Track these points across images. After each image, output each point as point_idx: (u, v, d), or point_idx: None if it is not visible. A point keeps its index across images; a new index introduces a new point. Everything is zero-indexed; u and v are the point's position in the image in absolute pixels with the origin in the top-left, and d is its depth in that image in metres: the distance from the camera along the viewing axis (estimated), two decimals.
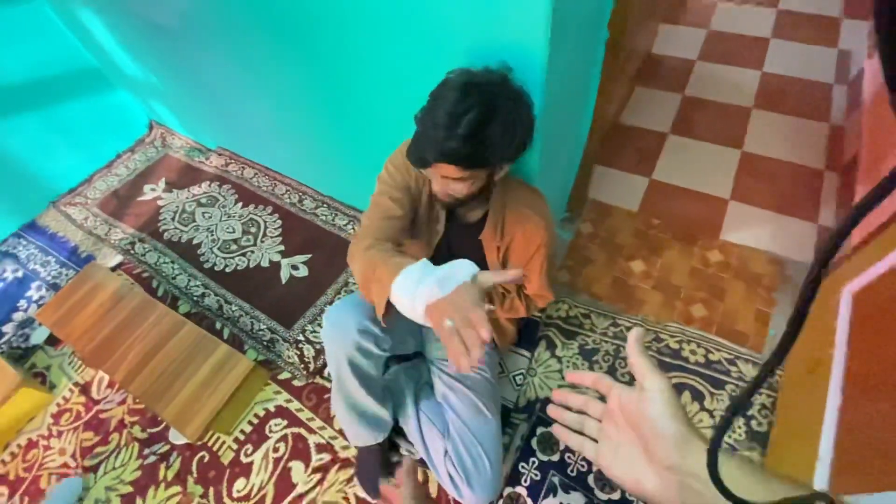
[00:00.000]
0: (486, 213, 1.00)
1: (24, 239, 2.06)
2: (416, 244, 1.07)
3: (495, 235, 1.01)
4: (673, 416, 0.37)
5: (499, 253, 1.04)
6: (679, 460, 0.35)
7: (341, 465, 1.31)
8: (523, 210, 0.99)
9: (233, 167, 2.15)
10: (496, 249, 1.03)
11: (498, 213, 0.99)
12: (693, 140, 1.90)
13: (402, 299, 0.69)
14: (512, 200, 0.99)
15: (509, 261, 1.06)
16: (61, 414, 1.53)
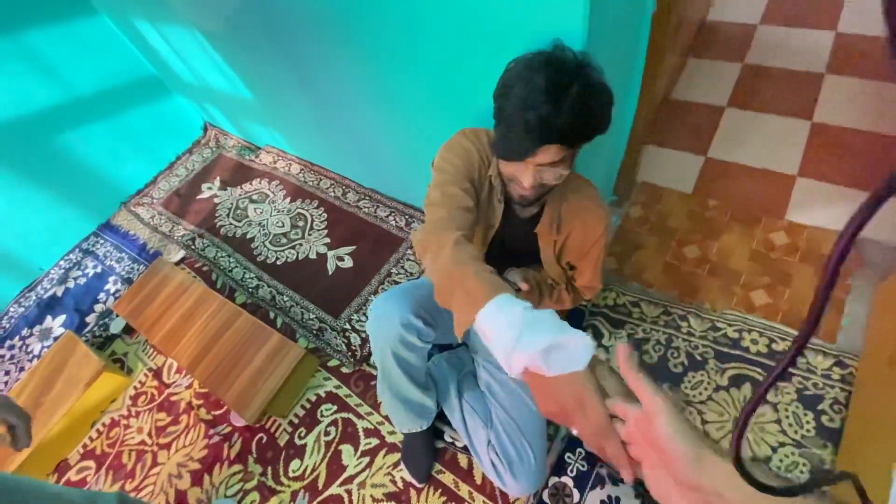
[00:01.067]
0: (541, 208, 0.98)
1: (101, 237, 2.25)
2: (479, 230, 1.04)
3: (552, 230, 0.98)
4: (681, 435, 0.36)
5: (555, 247, 1.01)
6: (699, 479, 0.34)
7: (388, 449, 1.35)
8: (583, 202, 0.97)
9: (280, 164, 2.24)
10: (552, 244, 1.01)
11: (556, 207, 0.97)
12: (754, 112, 1.75)
13: (489, 331, 0.57)
14: (570, 192, 0.97)
15: (565, 254, 1.04)
16: (138, 396, 1.68)
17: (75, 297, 2.04)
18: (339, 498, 1.30)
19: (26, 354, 1.93)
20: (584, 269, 1.07)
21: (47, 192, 2.07)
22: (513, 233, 1.02)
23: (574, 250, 1.02)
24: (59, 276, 2.15)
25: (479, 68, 1.04)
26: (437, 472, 1.28)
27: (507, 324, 0.54)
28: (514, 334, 0.53)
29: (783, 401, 1.19)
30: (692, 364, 1.29)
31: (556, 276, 1.08)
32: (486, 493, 1.22)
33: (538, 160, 0.77)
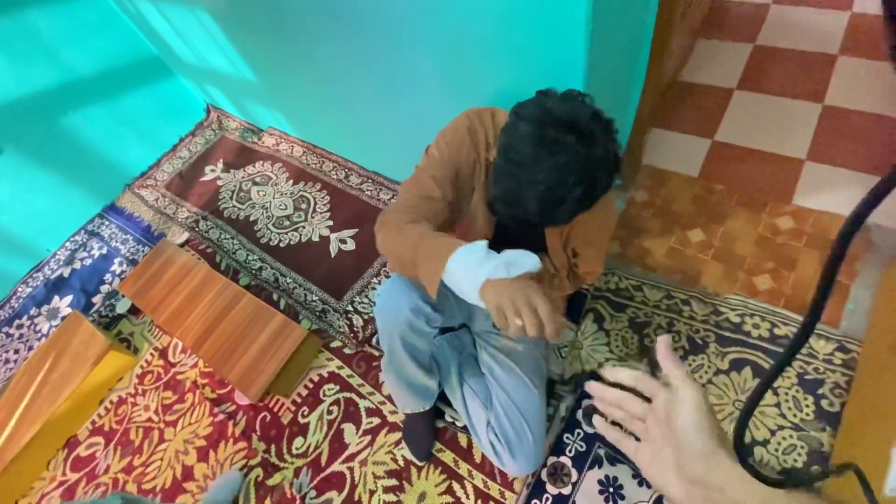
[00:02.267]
0: None
1: (107, 219, 2.27)
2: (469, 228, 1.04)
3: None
4: (702, 429, 0.35)
5: (562, 236, 1.00)
6: (705, 474, 0.34)
7: (390, 428, 1.37)
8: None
9: (283, 146, 2.23)
10: (559, 233, 1.00)
11: None
12: (764, 95, 1.72)
13: (457, 272, 0.70)
14: None
15: (569, 242, 1.03)
16: (144, 375, 1.70)
17: (81, 278, 2.06)
18: (341, 475, 1.33)
19: (35, 333, 1.96)
20: (587, 256, 1.06)
21: (52, 175, 2.08)
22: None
23: (580, 237, 1.01)
24: (65, 257, 2.17)
25: (483, 49, 1.02)
26: (438, 451, 1.30)
27: (475, 258, 0.69)
28: (479, 256, 0.69)
29: (783, 385, 1.19)
30: (693, 348, 1.29)
31: (559, 264, 1.06)
32: (486, 472, 1.24)
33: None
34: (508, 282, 0.67)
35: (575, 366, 1.35)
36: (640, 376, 0.43)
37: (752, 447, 1.13)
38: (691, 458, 0.35)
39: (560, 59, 0.93)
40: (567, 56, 0.91)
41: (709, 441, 0.34)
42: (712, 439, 0.35)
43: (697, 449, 0.35)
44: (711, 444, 0.34)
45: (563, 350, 1.37)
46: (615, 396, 0.44)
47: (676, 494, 0.37)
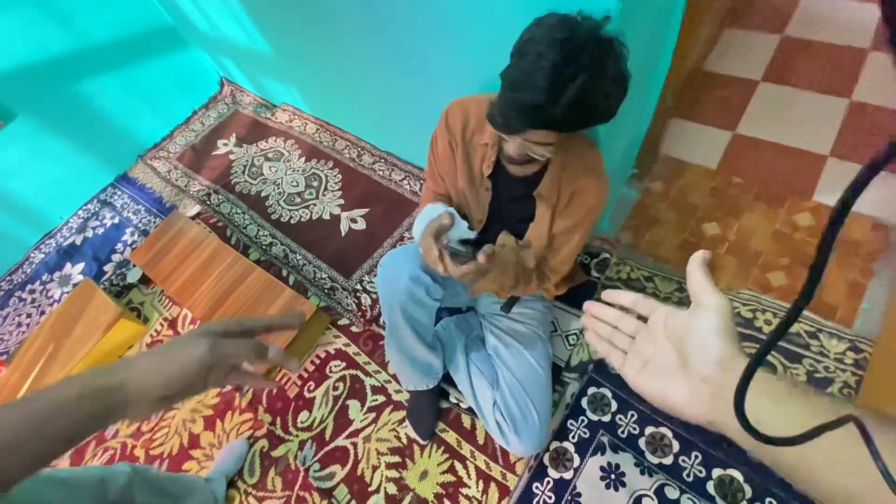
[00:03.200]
0: (542, 168, 0.94)
1: (119, 189, 2.28)
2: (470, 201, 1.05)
3: (552, 193, 0.94)
4: (723, 333, 0.37)
5: (553, 212, 0.98)
6: (718, 373, 0.35)
7: (394, 407, 1.38)
8: (584, 169, 0.93)
9: (296, 123, 2.21)
10: (551, 208, 0.97)
11: (558, 169, 0.93)
12: (789, 88, 1.67)
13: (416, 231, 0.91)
14: (573, 157, 0.92)
15: (555, 224, 0.99)
16: (154, 344, 1.72)
17: (93, 247, 2.08)
18: (344, 449, 1.34)
19: (46, 299, 1.99)
20: (562, 245, 1.02)
21: (65, 142, 2.09)
22: (508, 193, 1.00)
23: (565, 219, 0.98)
24: (77, 225, 2.19)
25: (502, 29, 0.99)
26: (441, 431, 1.31)
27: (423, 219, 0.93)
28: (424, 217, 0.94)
29: None
30: None
31: (538, 247, 1.02)
32: (488, 453, 1.25)
33: (531, 138, 0.77)
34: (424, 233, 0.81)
35: (581, 353, 1.35)
36: (639, 297, 0.46)
37: None
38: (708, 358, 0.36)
39: None
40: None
41: (730, 345, 0.36)
42: (733, 344, 0.36)
43: (717, 349, 0.36)
44: (731, 348, 0.36)
45: (570, 337, 1.37)
46: (613, 315, 0.48)
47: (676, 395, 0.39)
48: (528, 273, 1.06)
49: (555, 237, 1.01)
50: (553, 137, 0.75)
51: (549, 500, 1.16)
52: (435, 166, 1.07)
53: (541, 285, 1.09)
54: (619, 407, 1.24)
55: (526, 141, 0.78)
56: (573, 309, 1.41)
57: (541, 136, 0.75)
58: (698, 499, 1.09)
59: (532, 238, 1.02)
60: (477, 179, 1.01)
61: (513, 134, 0.77)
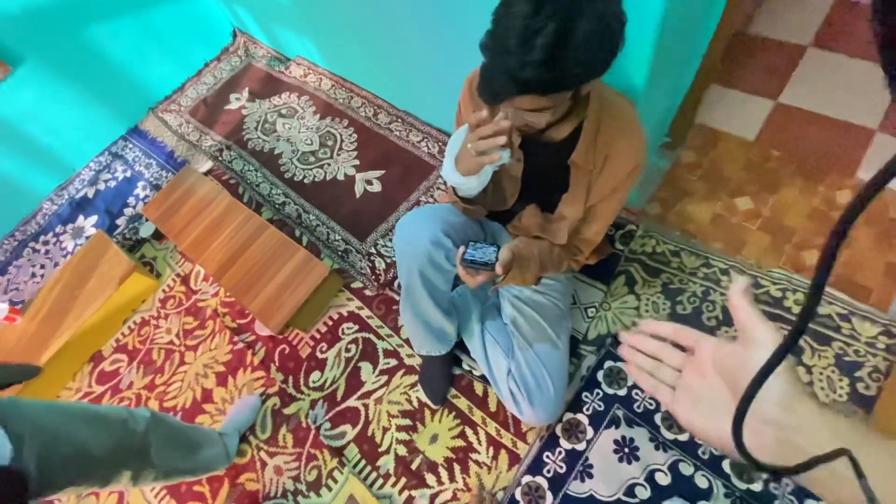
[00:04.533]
0: (575, 129, 0.85)
1: (130, 142, 2.23)
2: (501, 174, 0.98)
3: (587, 160, 0.86)
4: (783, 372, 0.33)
5: (589, 181, 0.90)
6: (781, 415, 0.33)
7: (406, 371, 1.37)
8: (621, 127, 0.84)
9: (311, 78, 2.13)
10: (587, 176, 0.89)
11: (592, 132, 0.84)
12: (840, 56, 1.55)
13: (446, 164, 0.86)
14: (606, 115, 0.83)
15: (591, 193, 0.92)
16: (167, 300, 1.72)
17: (105, 200, 2.06)
18: (356, 410, 1.35)
19: (60, 250, 1.99)
20: (597, 215, 0.95)
21: (76, 90, 2.03)
22: (541, 160, 0.92)
23: (600, 187, 0.90)
24: (89, 177, 2.16)
25: None
26: (453, 397, 1.30)
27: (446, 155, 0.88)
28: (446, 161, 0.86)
29: (819, 364, 1.14)
30: (727, 319, 1.24)
31: (572, 219, 0.96)
32: (499, 420, 1.25)
33: (516, 104, 0.70)
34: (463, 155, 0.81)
35: (599, 326, 1.31)
36: (679, 327, 0.42)
37: None
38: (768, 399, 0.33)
39: None
40: None
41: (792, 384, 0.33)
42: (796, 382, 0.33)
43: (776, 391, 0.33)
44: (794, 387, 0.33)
45: (588, 310, 1.34)
46: (654, 346, 0.44)
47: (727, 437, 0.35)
48: (557, 255, 1.01)
49: (590, 207, 0.94)
50: (543, 101, 0.69)
51: (560, 470, 1.15)
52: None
53: (571, 259, 1.04)
54: (638, 385, 1.21)
55: (517, 109, 0.73)
56: (593, 281, 1.36)
57: (528, 101, 0.69)
58: (713, 476, 1.07)
59: (566, 211, 0.95)
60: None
61: (498, 103, 0.72)
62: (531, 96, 0.67)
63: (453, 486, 1.20)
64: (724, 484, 1.06)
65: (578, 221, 0.98)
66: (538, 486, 1.15)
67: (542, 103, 0.70)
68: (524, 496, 1.14)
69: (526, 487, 1.15)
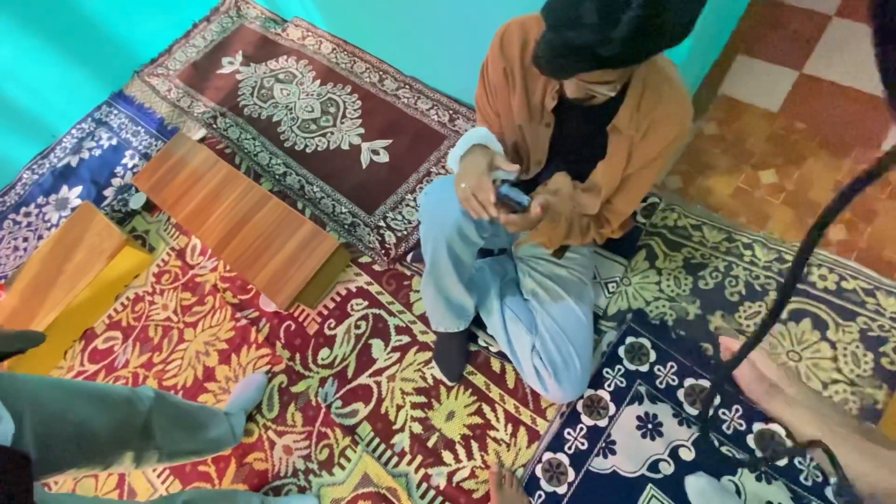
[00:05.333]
0: (617, 95, 0.77)
1: (115, 108, 2.09)
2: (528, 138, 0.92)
3: (630, 126, 0.79)
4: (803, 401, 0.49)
5: (630, 148, 0.83)
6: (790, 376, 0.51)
7: (420, 347, 1.33)
8: (668, 92, 0.77)
9: (310, 41, 2.00)
10: (628, 143, 0.82)
11: (636, 96, 0.77)
12: (866, 26, 1.50)
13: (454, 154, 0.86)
14: (652, 78, 0.76)
15: (630, 162, 0.85)
16: (161, 275, 1.64)
17: (91, 169, 1.94)
18: (368, 388, 1.30)
19: (44, 222, 1.87)
20: (632, 185, 0.89)
21: (54, 47, 1.88)
22: (576, 129, 0.87)
23: (639, 156, 0.84)
24: (72, 145, 2.03)
25: None
26: (469, 374, 1.27)
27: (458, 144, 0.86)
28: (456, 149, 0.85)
29: (843, 339, 1.13)
30: (750, 294, 1.22)
31: (607, 189, 0.90)
32: (518, 397, 1.22)
33: (587, 78, 0.64)
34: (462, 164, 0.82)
35: (620, 302, 1.28)
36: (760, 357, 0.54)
37: None
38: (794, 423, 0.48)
39: None
40: None
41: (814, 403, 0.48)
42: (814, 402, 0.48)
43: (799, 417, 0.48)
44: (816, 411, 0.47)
45: (609, 285, 1.30)
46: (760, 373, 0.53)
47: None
48: (585, 223, 0.96)
49: (626, 177, 0.88)
50: (614, 75, 0.63)
51: (581, 447, 1.13)
52: (487, 100, 0.92)
53: (598, 231, 0.99)
54: (657, 357, 1.19)
55: (581, 82, 0.66)
56: (614, 256, 1.32)
57: (597, 75, 0.63)
58: (738, 450, 1.06)
59: (602, 180, 0.88)
60: (537, 113, 0.87)
61: (563, 78, 0.67)
62: (603, 71, 0.61)
63: (471, 463, 1.17)
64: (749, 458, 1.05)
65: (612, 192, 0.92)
66: (559, 463, 1.12)
67: (612, 77, 0.63)
68: (545, 472, 1.12)
69: (547, 465, 1.13)
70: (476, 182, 0.75)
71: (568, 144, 0.91)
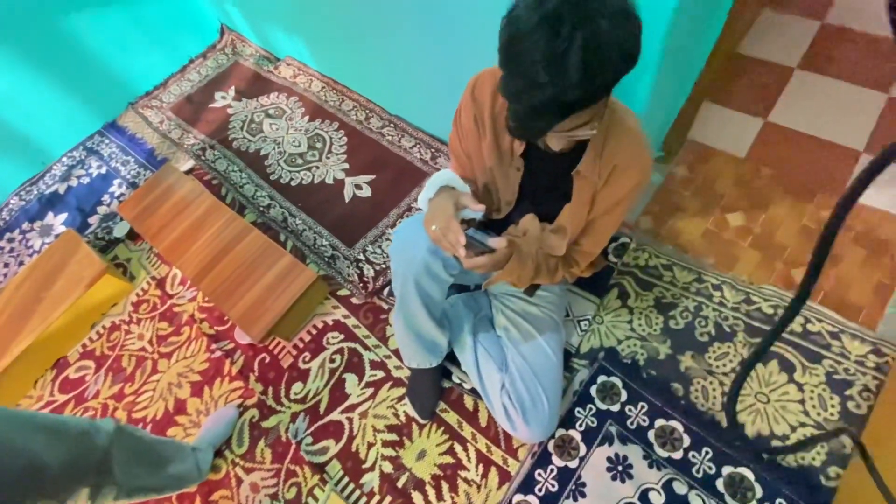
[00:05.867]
0: (581, 141, 0.81)
1: (107, 138, 2.14)
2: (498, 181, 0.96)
3: (593, 170, 0.83)
4: None
5: (594, 192, 0.87)
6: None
7: (393, 383, 1.32)
8: (629, 138, 0.81)
9: (301, 79, 2.08)
10: (592, 188, 0.86)
11: (599, 142, 0.81)
12: (826, 78, 1.59)
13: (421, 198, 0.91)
14: (614, 125, 0.81)
15: (594, 205, 0.89)
16: (140, 304, 1.63)
17: (78, 197, 1.96)
18: (339, 424, 1.29)
19: (26, 249, 1.87)
20: (597, 227, 0.93)
21: (51, 80, 1.94)
22: (542, 171, 0.90)
23: (603, 200, 0.88)
24: (61, 172, 2.06)
25: None
26: (441, 411, 1.26)
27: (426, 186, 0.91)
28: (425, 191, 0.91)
29: (810, 382, 1.14)
30: (719, 335, 1.23)
31: (573, 231, 0.93)
32: (490, 437, 1.20)
33: (558, 130, 0.67)
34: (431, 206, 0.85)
35: (592, 340, 1.29)
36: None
37: (770, 440, 1.09)
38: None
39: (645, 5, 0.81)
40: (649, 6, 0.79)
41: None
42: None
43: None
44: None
45: (581, 323, 1.31)
46: None
47: None
48: (553, 263, 0.98)
49: (591, 220, 0.92)
50: (586, 116, 0.66)
51: (552, 488, 1.12)
52: (459, 143, 0.97)
53: (567, 271, 1.01)
54: (629, 397, 1.19)
55: (562, 133, 0.69)
56: (587, 294, 1.34)
57: (571, 121, 0.65)
58: (707, 496, 1.05)
59: (567, 222, 0.92)
60: (507, 157, 0.91)
61: (542, 137, 0.70)
62: (573, 116, 0.64)
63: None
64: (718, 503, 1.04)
65: (578, 233, 0.95)
66: None
67: (584, 118, 0.66)
68: None
69: None
70: (445, 224, 0.78)
71: (536, 187, 0.95)
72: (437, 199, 0.86)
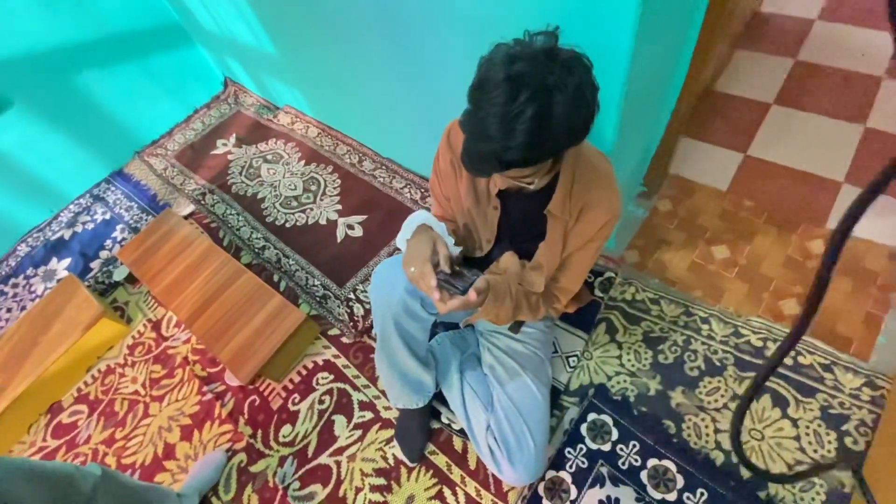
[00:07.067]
0: (553, 178, 0.86)
1: (113, 185, 2.23)
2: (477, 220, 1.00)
3: (564, 209, 0.87)
4: None
5: (566, 230, 0.90)
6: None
7: (382, 424, 1.31)
8: (596, 183, 0.85)
9: (298, 126, 2.17)
10: (563, 226, 0.90)
11: (568, 183, 0.85)
12: (802, 112, 1.64)
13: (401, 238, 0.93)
14: (583, 167, 0.85)
15: (568, 242, 0.92)
16: (136, 346, 1.65)
17: (82, 242, 2.02)
18: (327, 468, 1.27)
19: (29, 294, 1.92)
20: (573, 264, 0.95)
21: (62, 134, 2.04)
22: (518, 210, 0.94)
23: (575, 238, 0.91)
24: (68, 219, 2.13)
25: (519, 34, 0.95)
26: (430, 453, 1.24)
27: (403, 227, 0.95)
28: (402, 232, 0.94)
29: (805, 417, 1.11)
30: (709, 369, 1.22)
31: (549, 267, 0.96)
32: (479, 480, 1.18)
33: (508, 175, 0.73)
34: (408, 247, 0.86)
35: (582, 376, 1.28)
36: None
37: (767, 482, 1.06)
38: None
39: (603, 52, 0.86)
40: (611, 48, 0.85)
41: None
42: None
43: None
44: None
45: (570, 359, 1.31)
46: None
47: None
48: (535, 300, 0.99)
49: (566, 257, 0.94)
50: (527, 171, 0.71)
51: None
52: (438, 186, 1.01)
53: (549, 307, 1.02)
54: (620, 436, 1.17)
55: (506, 177, 0.75)
56: (574, 329, 1.34)
57: (513, 173, 0.72)
58: (633, 485, 1.01)
59: (543, 259, 0.94)
60: (483, 198, 0.95)
61: (484, 177, 0.77)
62: (515, 170, 0.69)
63: None
64: None
65: (556, 270, 0.97)
66: None
67: (526, 173, 0.72)
68: None
69: None
70: (419, 269, 0.80)
71: (514, 225, 0.97)
72: (415, 240, 0.88)
